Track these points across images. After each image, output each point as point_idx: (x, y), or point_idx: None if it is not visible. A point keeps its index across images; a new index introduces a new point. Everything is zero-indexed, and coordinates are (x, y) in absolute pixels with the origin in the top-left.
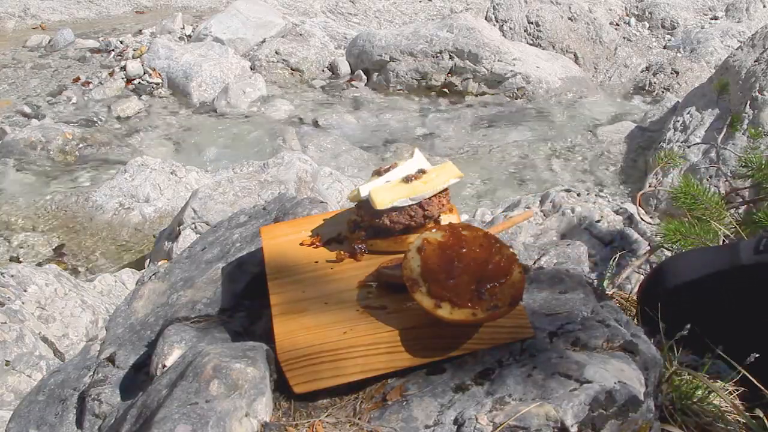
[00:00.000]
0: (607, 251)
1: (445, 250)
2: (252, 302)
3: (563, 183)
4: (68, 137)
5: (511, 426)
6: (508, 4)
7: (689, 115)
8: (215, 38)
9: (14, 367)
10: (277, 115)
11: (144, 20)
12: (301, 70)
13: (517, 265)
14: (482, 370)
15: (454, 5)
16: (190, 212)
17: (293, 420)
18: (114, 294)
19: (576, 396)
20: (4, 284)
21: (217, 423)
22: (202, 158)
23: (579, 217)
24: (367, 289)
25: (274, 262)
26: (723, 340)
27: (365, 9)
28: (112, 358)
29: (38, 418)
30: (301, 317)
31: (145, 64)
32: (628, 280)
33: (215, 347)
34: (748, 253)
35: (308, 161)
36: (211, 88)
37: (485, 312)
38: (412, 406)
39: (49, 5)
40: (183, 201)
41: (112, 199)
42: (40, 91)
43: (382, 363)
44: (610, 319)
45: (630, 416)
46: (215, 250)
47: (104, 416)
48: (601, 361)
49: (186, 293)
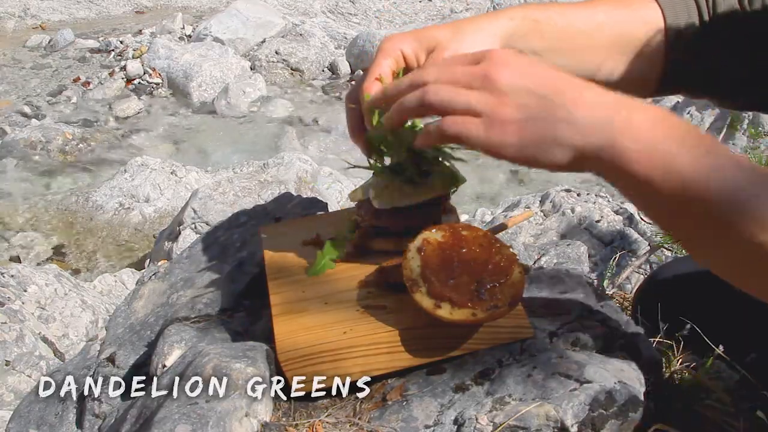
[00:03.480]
0: (607, 251)
1: (445, 250)
2: (252, 302)
3: (563, 183)
4: (68, 137)
5: (511, 426)
6: (508, 4)
7: (689, 115)
8: (215, 38)
9: (14, 367)
10: (277, 115)
11: (144, 20)
12: (301, 70)
13: (517, 265)
14: (482, 370)
15: (454, 5)
16: (190, 212)
17: (293, 420)
18: (114, 294)
19: (576, 396)
20: (4, 284)
21: (217, 423)
22: (202, 158)
23: (579, 217)
24: (367, 289)
25: (274, 262)
26: (720, 341)
27: (365, 9)
28: (112, 358)
29: (38, 418)
30: (301, 317)
31: (145, 64)
32: (628, 280)
33: (215, 347)
34: None
35: (308, 161)
36: (211, 88)
37: (485, 312)
38: (412, 406)
39: (49, 5)
40: (183, 201)
41: (112, 199)
42: (40, 91)
43: (382, 363)
44: (610, 319)
45: (630, 416)
46: (215, 250)
47: (104, 416)
48: (601, 361)
49: (186, 293)
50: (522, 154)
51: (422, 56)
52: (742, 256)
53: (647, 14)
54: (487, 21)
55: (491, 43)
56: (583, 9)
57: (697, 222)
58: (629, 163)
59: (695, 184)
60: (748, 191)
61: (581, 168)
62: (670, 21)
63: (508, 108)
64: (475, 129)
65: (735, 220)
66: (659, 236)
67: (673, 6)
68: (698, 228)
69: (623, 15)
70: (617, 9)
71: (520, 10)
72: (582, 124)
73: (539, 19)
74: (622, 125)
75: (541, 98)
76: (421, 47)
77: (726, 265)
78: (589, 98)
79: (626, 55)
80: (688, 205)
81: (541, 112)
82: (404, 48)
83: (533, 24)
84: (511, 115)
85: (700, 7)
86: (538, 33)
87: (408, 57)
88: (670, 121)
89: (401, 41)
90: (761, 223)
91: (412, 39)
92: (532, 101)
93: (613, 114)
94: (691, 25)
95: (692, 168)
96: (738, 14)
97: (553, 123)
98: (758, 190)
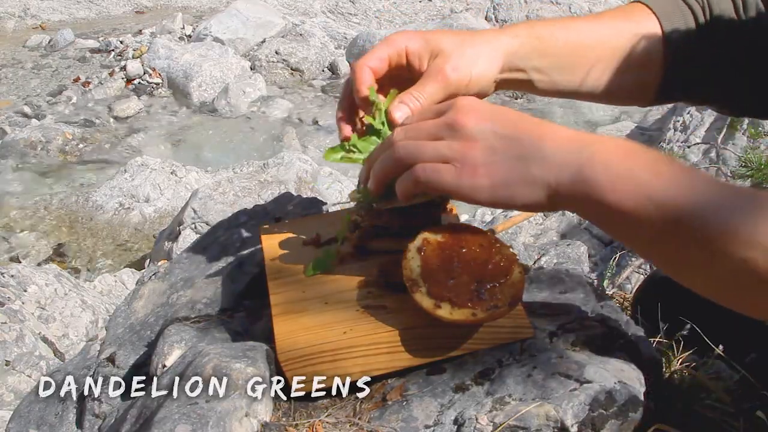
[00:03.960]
0: (607, 251)
1: (445, 250)
2: (252, 302)
3: None
4: (68, 137)
5: (511, 426)
6: (508, 4)
7: (689, 115)
8: (215, 38)
9: (14, 367)
10: (277, 115)
11: (144, 20)
12: (301, 70)
13: (517, 265)
14: (482, 370)
15: (454, 5)
16: (190, 212)
17: (293, 420)
18: (114, 294)
19: (576, 396)
20: (4, 284)
21: (217, 423)
22: (202, 158)
23: (579, 217)
24: (367, 289)
25: (274, 262)
26: (720, 341)
27: (365, 9)
28: (112, 358)
29: (38, 418)
30: (301, 317)
31: (145, 64)
32: (628, 280)
33: (215, 347)
34: None
35: (308, 161)
36: (211, 88)
37: (485, 312)
38: (412, 406)
39: (49, 5)
40: (183, 201)
41: (112, 199)
42: (40, 91)
43: (382, 363)
44: (610, 319)
45: (630, 416)
46: (215, 250)
47: (104, 416)
48: (601, 361)
49: (186, 293)
50: (495, 195)
51: (425, 58)
52: (726, 275)
53: (648, 27)
54: (494, 36)
55: (494, 58)
56: (588, 24)
57: (677, 245)
58: (603, 194)
59: (672, 208)
60: (726, 208)
61: (556, 206)
62: (668, 32)
63: (477, 151)
64: (446, 174)
65: (715, 237)
66: None
67: (669, 17)
68: (679, 251)
69: (626, 29)
70: (621, 22)
71: (526, 28)
72: (552, 159)
73: (543, 36)
74: (593, 156)
75: (510, 139)
76: (426, 49)
77: (712, 286)
78: (557, 134)
79: (628, 69)
80: (666, 230)
81: (511, 152)
82: (410, 44)
83: (536, 42)
84: (481, 158)
85: (697, 16)
86: (541, 51)
87: (411, 53)
88: (639, 149)
89: (409, 38)
90: (743, 239)
91: (420, 38)
92: (500, 143)
93: (581, 146)
94: (687, 35)
95: (667, 192)
96: (734, 23)
97: (523, 161)
98: (735, 206)
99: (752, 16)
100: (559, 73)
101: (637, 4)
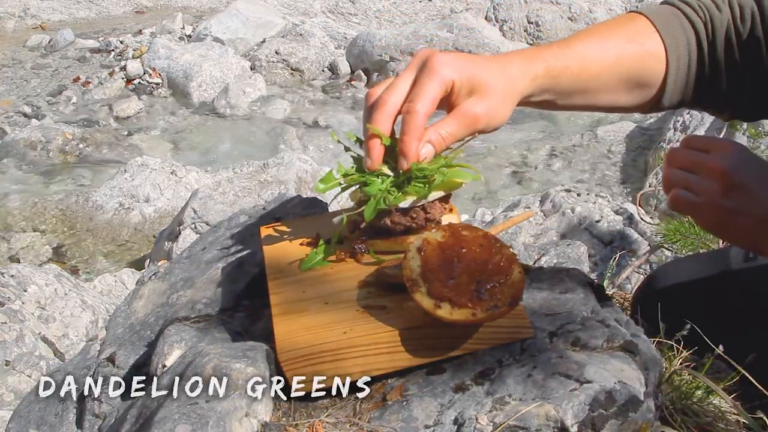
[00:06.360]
0: (607, 251)
1: (445, 250)
2: (252, 302)
3: (563, 183)
4: (68, 137)
5: (511, 426)
6: (508, 4)
7: (689, 115)
8: (215, 38)
9: (14, 367)
10: (277, 115)
11: (144, 20)
12: (301, 70)
13: (517, 265)
14: (482, 370)
15: (454, 5)
16: (190, 212)
17: (293, 420)
18: (114, 294)
19: (576, 396)
20: (4, 284)
21: (217, 423)
22: (202, 158)
23: (579, 217)
24: (367, 289)
25: (274, 262)
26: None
27: (365, 9)
28: (112, 358)
29: (38, 418)
30: (301, 317)
31: (145, 64)
32: (628, 280)
33: (215, 347)
34: (737, 260)
35: (308, 161)
36: (211, 88)
37: (485, 312)
38: (412, 406)
39: (49, 5)
40: (183, 201)
41: (112, 199)
42: (40, 91)
43: (382, 363)
44: (610, 319)
45: (630, 416)
46: (215, 250)
47: (104, 416)
48: (601, 361)
49: (186, 293)
50: None
51: (463, 94)
52: None
53: (652, 46)
54: (520, 77)
55: (516, 99)
56: (597, 48)
57: None
58: None
59: None
60: None
61: None
62: (671, 50)
63: None
64: None
65: None
66: (659, 236)
67: (674, 36)
68: None
69: (632, 51)
70: (628, 44)
71: (542, 64)
72: None
73: (555, 68)
74: None
75: None
76: (467, 86)
77: None
78: None
79: (635, 88)
80: None
81: None
82: (456, 80)
83: (552, 81)
84: None
85: (698, 31)
86: (553, 87)
87: (456, 89)
88: None
89: (455, 71)
90: None
91: (464, 73)
92: None
93: None
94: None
95: None
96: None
97: None
98: None
99: (750, 27)
100: (571, 98)
101: (641, 19)
